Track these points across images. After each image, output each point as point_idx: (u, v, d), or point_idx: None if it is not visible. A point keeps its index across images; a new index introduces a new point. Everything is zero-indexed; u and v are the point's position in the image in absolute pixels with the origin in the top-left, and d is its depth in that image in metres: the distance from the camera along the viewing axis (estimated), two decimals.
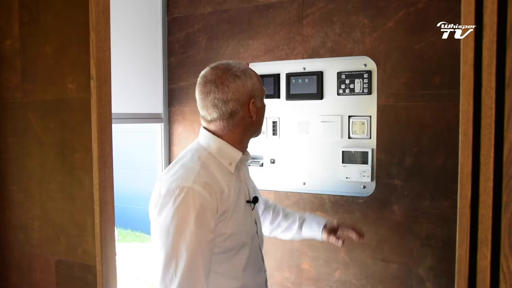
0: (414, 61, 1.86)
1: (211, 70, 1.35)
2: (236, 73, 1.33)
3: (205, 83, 1.34)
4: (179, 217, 1.21)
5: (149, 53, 2.34)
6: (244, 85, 1.33)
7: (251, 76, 1.36)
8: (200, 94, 1.35)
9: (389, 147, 1.92)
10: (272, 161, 2.26)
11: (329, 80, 2.10)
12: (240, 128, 1.37)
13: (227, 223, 1.31)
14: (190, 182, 1.24)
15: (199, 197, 1.23)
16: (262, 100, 1.42)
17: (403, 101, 1.88)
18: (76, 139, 1.17)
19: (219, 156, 1.36)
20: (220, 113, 1.33)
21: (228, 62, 1.37)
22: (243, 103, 1.34)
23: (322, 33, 2.03)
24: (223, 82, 1.31)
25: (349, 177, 2.05)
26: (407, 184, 1.89)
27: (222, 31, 2.26)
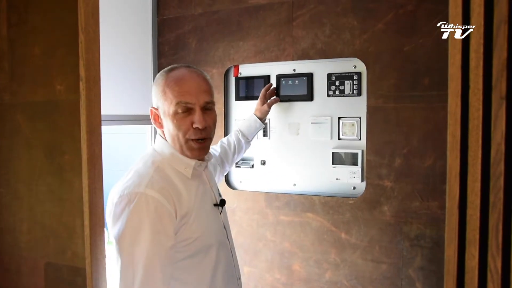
0: (403, 62, 1.87)
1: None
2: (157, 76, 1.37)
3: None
4: (133, 224, 1.17)
5: (139, 54, 2.33)
6: (153, 91, 1.36)
7: (156, 82, 1.36)
8: None
9: (379, 148, 1.93)
10: (262, 162, 2.25)
11: (319, 81, 2.11)
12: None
13: (190, 226, 1.27)
14: (143, 187, 1.20)
15: (153, 202, 1.19)
16: (170, 109, 1.32)
17: (393, 102, 1.89)
18: (65, 141, 1.16)
19: (173, 162, 1.33)
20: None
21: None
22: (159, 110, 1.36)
23: (312, 35, 2.04)
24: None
25: (339, 178, 2.05)
26: (397, 185, 1.89)
27: (212, 32, 2.26)
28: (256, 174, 2.28)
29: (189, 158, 1.34)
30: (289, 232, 2.14)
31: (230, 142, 1.95)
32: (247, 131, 2.00)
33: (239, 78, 2.28)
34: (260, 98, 2.06)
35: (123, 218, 1.18)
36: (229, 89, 2.32)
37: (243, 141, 1.98)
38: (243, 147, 1.99)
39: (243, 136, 1.98)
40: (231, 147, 1.94)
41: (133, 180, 1.23)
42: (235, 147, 1.95)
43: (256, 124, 2.02)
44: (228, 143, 1.94)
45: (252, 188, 2.28)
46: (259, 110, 2.04)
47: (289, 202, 2.14)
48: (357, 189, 2.05)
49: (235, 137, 1.97)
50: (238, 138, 1.97)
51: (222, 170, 1.86)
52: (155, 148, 1.37)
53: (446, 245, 0.74)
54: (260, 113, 2.03)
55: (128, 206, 1.18)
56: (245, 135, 1.99)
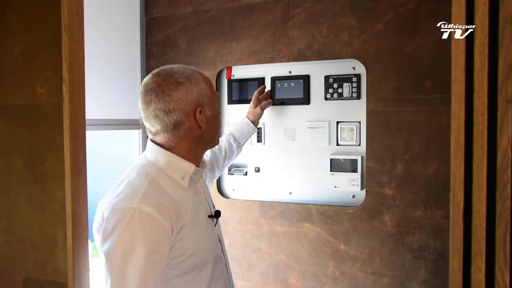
0: (405, 64, 1.87)
1: (152, 77, 1.31)
2: (179, 79, 1.28)
3: (145, 92, 1.29)
4: (126, 242, 1.15)
5: (126, 55, 2.32)
6: (188, 93, 1.28)
7: (197, 81, 1.31)
8: (142, 104, 1.31)
9: (379, 154, 1.93)
10: (256, 169, 2.25)
11: (316, 84, 2.11)
12: (188, 140, 1.32)
13: (186, 241, 1.25)
14: (137, 202, 1.17)
15: (148, 218, 1.16)
16: (214, 107, 1.37)
17: (394, 106, 1.90)
18: (46, 147, 1.15)
19: (169, 170, 1.30)
20: (163, 125, 1.28)
21: (172, 67, 1.33)
22: (189, 112, 1.29)
23: (309, 35, 2.04)
24: (164, 91, 1.26)
25: (337, 186, 2.05)
26: (399, 193, 1.89)
27: (203, 32, 2.26)
28: (250, 181, 2.27)
29: (191, 162, 1.33)
30: (285, 243, 2.13)
31: (221, 146, 1.94)
32: (239, 135, 1.99)
33: (232, 80, 2.27)
34: (253, 101, 2.06)
35: (115, 235, 1.15)
36: (221, 92, 2.32)
37: (235, 145, 1.97)
38: (234, 152, 1.98)
39: (235, 140, 1.97)
40: (222, 151, 1.93)
41: (125, 193, 1.21)
42: (226, 152, 1.94)
43: (249, 128, 2.01)
44: (219, 148, 1.93)
45: (245, 196, 2.27)
46: (251, 113, 2.03)
47: (285, 212, 2.14)
48: (356, 197, 2.04)
49: (226, 141, 1.96)
50: (229, 142, 1.96)
51: (211, 176, 1.85)
52: (147, 156, 1.34)
53: (450, 257, 0.74)
54: (253, 116, 2.02)
55: (120, 222, 1.15)
56: (236, 139, 1.98)
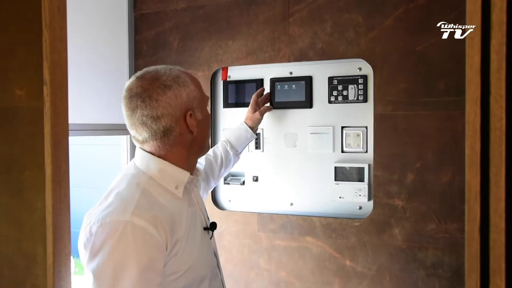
0: (416, 64, 1.87)
1: (136, 81, 1.30)
2: (166, 82, 1.27)
3: (130, 98, 1.28)
4: (117, 259, 1.13)
5: (113, 54, 2.32)
6: (177, 96, 1.27)
7: (185, 83, 1.30)
8: (126, 110, 1.29)
9: (388, 162, 1.93)
10: (254, 178, 2.25)
11: (319, 86, 2.12)
12: (180, 147, 1.32)
13: (181, 256, 1.24)
14: (128, 215, 1.16)
15: (141, 233, 1.15)
16: (205, 109, 1.38)
17: (403, 109, 1.90)
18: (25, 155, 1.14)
19: (162, 179, 1.30)
20: (151, 132, 1.28)
21: (157, 69, 1.32)
22: (178, 117, 1.28)
23: (311, 33, 2.04)
24: (151, 95, 1.25)
25: (342, 197, 2.06)
26: (409, 205, 1.89)
27: (197, 30, 2.26)
28: (248, 192, 2.27)
29: (185, 170, 1.33)
30: (286, 259, 2.12)
31: (217, 154, 1.94)
32: (236, 142, 1.99)
33: (228, 82, 2.28)
34: (251, 105, 2.07)
35: (104, 251, 1.13)
36: (216, 95, 2.32)
37: (232, 153, 1.97)
38: (231, 160, 1.98)
39: (232, 147, 1.97)
40: (218, 159, 1.93)
41: (115, 205, 1.20)
42: (222, 160, 1.94)
43: (247, 134, 2.01)
44: (214, 155, 1.93)
45: (243, 208, 2.27)
46: (250, 118, 2.04)
47: (286, 225, 2.13)
48: (363, 209, 2.04)
49: (222, 149, 1.96)
50: (226, 150, 1.96)
51: (206, 186, 1.85)
52: (137, 164, 1.33)
53: (466, 275, 0.73)
54: (251, 121, 2.03)
55: (111, 236, 1.14)
56: (234, 146, 1.98)
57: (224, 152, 1.95)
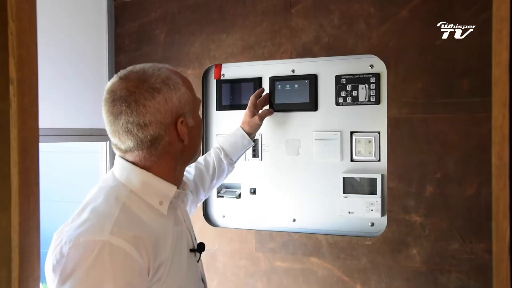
0: (435, 60, 1.87)
1: (120, 82, 1.28)
2: (155, 85, 1.26)
3: (113, 101, 1.26)
4: (91, 286, 1.11)
5: (91, 50, 2.32)
6: (167, 101, 1.26)
7: (176, 86, 1.29)
8: (108, 115, 1.27)
9: (404, 172, 1.92)
10: (252, 191, 2.25)
11: (325, 86, 2.12)
12: (168, 157, 1.31)
13: (164, 282, 1.23)
14: (106, 234, 1.14)
15: (120, 254, 1.14)
16: (197, 115, 1.38)
17: (421, 112, 1.90)
18: None
19: (145, 193, 1.28)
20: (136, 142, 1.26)
21: (143, 69, 1.30)
22: (168, 124, 1.27)
23: (316, 26, 2.04)
24: (137, 100, 1.23)
25: (352, 212, 2.05)
26: (429, 221, 1.88)
27: (186, 22, 2.26)
28: (244, 206, 2.27)
29: (171, 183, 1.32)
30: (288, 283, 2.11)
31: (209, 162, 1.94)
32: (231, 149, 1.98)
33: (221, 81, 2.28)
34: (249, 108, 2.06)
35: (77, 276, 1.11)
36: (208, 96, 2.33)
37: (226, 162, 1.96)
38: (225, 170, 1.98)
39: (226, 156, 1.96)
40: (209, 169, 1.92)
41: (91, 222, 1.18)
42: (215, 170, 1.93)
43: (244, 141, 2.00)
44: (206, 164, 1.93)
45: (238, 224, 2.26)
46: (247, 123, 2.03)
47: (287, 243, 2.12)
48: (376, 225, 2.04)
49: (215, 157, 1.95)
50: (219, 158, 1.95)
51: (195, 199, 1.84)
52: (116, 175, 1.32)
53: None
54: (249, 126, 2.02)
55: (85, 259, 1.12)
56: (228, 154, 1.97)
57: (217, 161, 1.94)
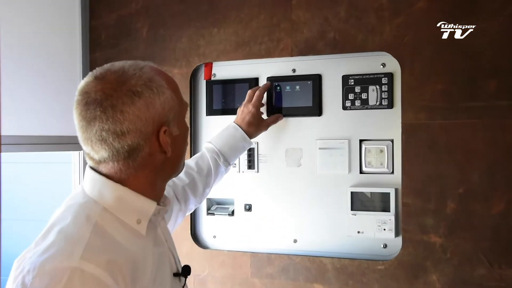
0: (457, 58, 1.87)
1: (95, 83, 1.25)
2: (135, 87, 1.23)
3: (86, 104, 1.23)
4: None
5: (62, 44, 2.32)
6: (148, 107, 1.24)
7: (160, 89, 1.27)
8: (80, 120, 1.25)
9: (422, 186, 1.92)
10: (247, 207, 2.24)
11: (330, 87, 2.12)
12: (148, 170, 1.29)
13: None
14: (76, 259, 1.12)
15: (93, 282, 1.12)
16: (182, 122, 1.36)
17: (441, 117, 1.89)
18: None
19: (120, 211, 1.26)
20: (112, 152, 1.23)
21: (123, 67, 1.27)
22: (149, 134, 1.25)
23: (321, 19, 2.04)
24: (114, 105, 1.21)
25: (362, 231, 2.04)
26: (450, 242, 1.87)
27: (172, 14, 2.26)
28: (238, 225, 2.26)
29: (151, 199, 1.31)
30: None
31: (202, 168, 1.94)
32: (230, 153, 2.00)
33: (212, 82, 2.28)
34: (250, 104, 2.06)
35: None
36: (197, 99, 2.34)
37: (224, 167, 1.98)
38: (221, 174, 2.01)
39: (225, 160, 1.98)
40: (203, 175, 1.93)
41: (58, 246, 1.15)
42: (210, 177, 1.95)
43: (245, 144, 2.03)
44: (199, 170, 1.93)
45: (231, 246, 2.26)
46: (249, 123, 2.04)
47: (288, 268, 2.12)
48: (389, 247, 2.03)
49: (212, 163, 1.95)
50: (216, 164, 1.95)
51: (184, 208, 1.84)
52: (87, 190, 1.30)
53: None
54: (250, 126, 2.04)
55: None
56: (227, 159, 1.99)
57: (214, 167, 1.95)
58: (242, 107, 2.07)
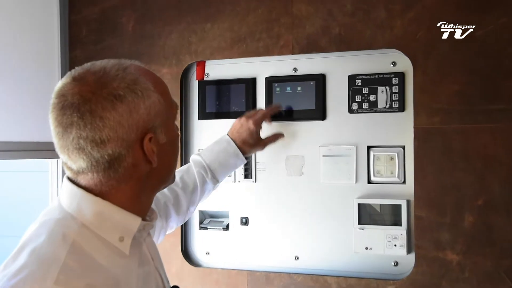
0: (475, 56, 1.86)
1: (72, 84, 1.21)
2: (117, 91, 1.20)
3: (63, 108, 1.20)
4: None
5: (38, 41, 2.33)
6: (132, 112, 1.20)
7: (145, 92, 1.24)
8: (56, 126, 1.22)
9: (436, 197, 1.91)
10: (243, 221, 2.24)
11: (335, 88, 2.11)
12: (132, 183, 1.26)
13: None
14: (50, 284, 1.09)
15: None
16: (171, 128, 1.34)
17: (458, 121, 1.89)
18: None
19: (100, 228, 1.24)
20: (90, 162, 1.20)
21: (105, 68, 1.24)
22: (132, 142, 1.21)
23: (324, 13, 2.04)
24: (93, 110, 1.18)
25: (370, 248, 2.04)
26: (468, 260, 1.86)
27: (161, 7, 2.27)
28: (234, 240, 2.26)
29: (135, 214, 1.28)
30: None
31: (187, 184, 1.92)
32: (220, 169, 1.99)
33: (205, 82, 2.28)
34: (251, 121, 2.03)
35: None
36: (189, 102, 2.34)
37: (211, 185, 1.96)
38: (208, 192, 2.00)
39: (213, 177, 1.96)
40: (188, 192, 1.91)
41: (30, 269, 1.12)
42: (196, 194, 1.94)
43: (237, 161, 2.01)
44: (184, 186, 1.91)
45: (226, 264, 2.25)
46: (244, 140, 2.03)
47: (289, 287, 2.10)
48: (401, 265, 2.02)
49: (198, 179, 1.93)
50: (203, 181, 1.93)
51: (165, 225, 1.84)
52: (64, 204, 1.26)
53: None
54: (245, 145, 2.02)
55: None
56: (216, 176, 1.97)
57: (201, 184, 1.93)
58: (240, 120, 2.04)
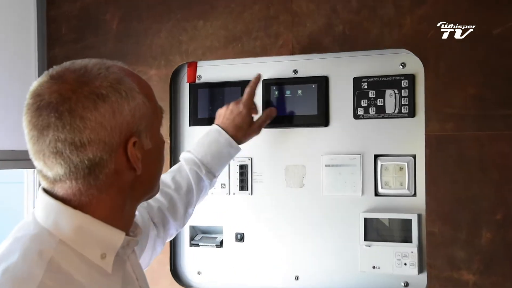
0: (492, 56, 1.86)
1: (50, 84, 1.20)
2: (100, 90, 1.19)
3: (38, 109, 1.18)
4: None
5: (13, 39, 2.35)
6: (115, 113, 1.19)
7: (130, 93, 1.23)
8: (30, 129, 1.20)
9: (450, 211, 1.90)
10: (238, 237, 2.23)
11: (339, 92, 2.11)
12: (113, 192, 1.24)
13: None
14: None
15: None
16: (157, 133, 1.34)
17: (473, 128, 1.88)
18: None
19: (80, 244, 1.22)
20: (69, 168, 1.18)
21: (86, 67, 1.23)
22: (115, 146, 1.20)
23: (327, 9, 2.03)
24: (73, 110, 1.16)
25: (378, 267, 2.02)
26: (486, 280, 1.85)
27: (148, 3, 2.28)
28: (228, 258, 2.24)
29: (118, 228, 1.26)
30: None
31: (180, 185, 1.92)
32: (214, 162, 1.99)
33: (196, 85, 2.28)
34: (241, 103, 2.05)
35: None
36: (179, 105, 2.35)
37: (207, 181, 1.96)
38: (205, 189, 2.00)
39: (208, 172, 1.96)
40: (182, 193, 1.91)
41: None
42: (192, 194, 1.94)
43: (231, 150, 2.02)
44: (177, 187, 1.91)
45: (220, 284, 2.25)
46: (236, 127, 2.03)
47: None
48: (411, 286, 2.01)
49: (192, 177, 1.93)
50: (198, 178, 1.93)
51: (163, 234, 1.85)
52: (39, 219, 1.24)
53: None
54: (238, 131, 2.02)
55: None
56: (211, 170, 1.97)
57: (195, 182, 1.93)
58: (228, 106, 2.05)
